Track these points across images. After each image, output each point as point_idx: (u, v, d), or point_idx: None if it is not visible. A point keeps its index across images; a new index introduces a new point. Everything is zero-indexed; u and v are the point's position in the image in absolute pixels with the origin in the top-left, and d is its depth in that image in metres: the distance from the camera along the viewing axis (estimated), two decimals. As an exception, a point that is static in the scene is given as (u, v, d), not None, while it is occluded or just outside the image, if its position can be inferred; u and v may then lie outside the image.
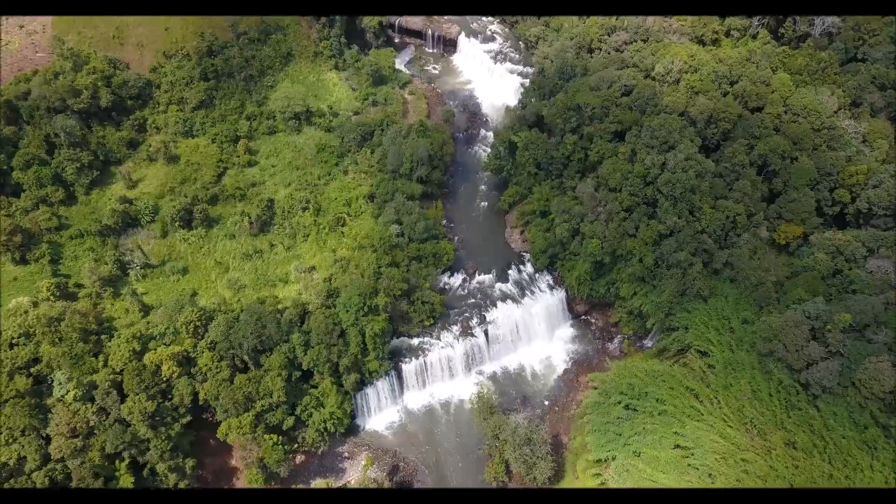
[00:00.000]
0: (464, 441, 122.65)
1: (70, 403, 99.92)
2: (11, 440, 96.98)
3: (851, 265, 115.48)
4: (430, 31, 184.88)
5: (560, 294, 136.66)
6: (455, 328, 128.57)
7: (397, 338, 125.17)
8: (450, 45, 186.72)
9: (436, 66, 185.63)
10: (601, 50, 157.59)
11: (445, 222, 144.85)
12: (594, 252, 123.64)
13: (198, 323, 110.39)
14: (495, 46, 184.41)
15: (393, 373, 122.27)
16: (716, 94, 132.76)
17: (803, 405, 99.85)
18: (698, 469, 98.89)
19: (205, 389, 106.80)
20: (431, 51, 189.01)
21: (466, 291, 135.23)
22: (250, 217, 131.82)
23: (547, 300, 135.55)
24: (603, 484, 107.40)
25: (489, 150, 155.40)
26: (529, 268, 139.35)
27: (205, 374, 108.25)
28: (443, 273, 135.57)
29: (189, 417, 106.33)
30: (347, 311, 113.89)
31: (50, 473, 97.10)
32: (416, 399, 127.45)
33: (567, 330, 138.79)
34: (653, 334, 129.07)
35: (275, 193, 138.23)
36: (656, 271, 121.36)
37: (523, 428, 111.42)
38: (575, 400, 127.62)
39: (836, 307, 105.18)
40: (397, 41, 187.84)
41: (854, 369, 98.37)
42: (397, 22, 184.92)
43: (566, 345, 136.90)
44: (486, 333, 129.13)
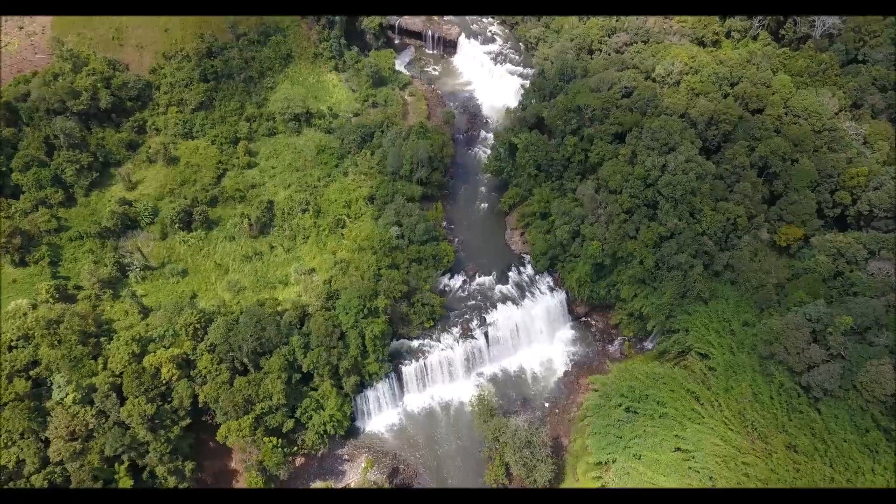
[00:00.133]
0: (464, 443, 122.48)
1: (69, 406, 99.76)
2: (10, 443, 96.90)
3: (852, 267, 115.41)
4: (430, 33, 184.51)
5: (560, 296, 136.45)
6: (455, 330, 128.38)
7: (397, 340, 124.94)
8: (450, 47, 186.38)
9: (436, 68, 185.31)
10: (601, 51, 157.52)
11: (445, 224, 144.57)
12: (594, 254, 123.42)
13: (197, 325, 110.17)
14: (495, 48, 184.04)
15: (393, 375, 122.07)
16: (716, 96, 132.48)
17: (804, 408, 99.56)
18: (699, 472, 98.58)
19: (204, 392, 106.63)
20: (431, 52, 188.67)
21: (466, 293, 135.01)
22: (250, 219, 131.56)
23: (547, 302, 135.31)
24: (603, 486, 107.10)
25: (489, 152, 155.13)
26: (530, 269, 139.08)
27: (204, 377, 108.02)
28: (443, 275, 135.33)
29: (188, 420, 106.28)
30: (347, 314, 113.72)
31: (49, 476, 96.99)
32: (416, 401, 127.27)
33: (567, 332, 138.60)
34: (653, 336, 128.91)
35: (274, 195, 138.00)
36: (657, 273, 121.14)
37: (523, 430, 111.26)
38: (575, 402, 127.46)
39: (838, 310, 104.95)
40: (397, 42, 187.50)
41: (855, 372, 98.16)
42: (397, 23, 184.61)
43: (566, 347, 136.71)
44: (487, 335, 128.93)
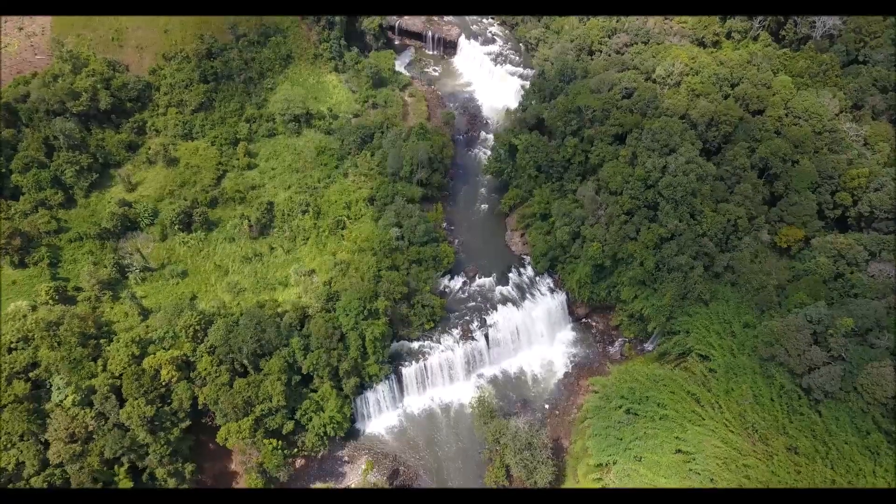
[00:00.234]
0: (464, 445, 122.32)
1: (69, 408, 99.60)
2: (10, 445, 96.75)
3: (853, 269, 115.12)
4: (431, 33, 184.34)
5: (560, 297, 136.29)
6: (455, 332, 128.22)
7: (397, 341, 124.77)
8: (450, 47, 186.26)
9: (436, 68, 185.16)
10: (602, 52, 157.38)
11: (445, 225, 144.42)
12: (595, 255, 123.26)
13: (197, 327, 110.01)
14: (496, 48, 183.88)
15: (393, 377, 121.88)
16: (717, 97, 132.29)
17: (805, 410, 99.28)
18: (700, 474, 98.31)
19: (204, 394, 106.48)
20: (431, 53, 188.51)
21: (467, 295, 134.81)
22: (250, 220, 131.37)
23: (547, 303, 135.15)
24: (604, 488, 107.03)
25: (489, 153, 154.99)
26: (530, 271, 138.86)
27: (204, 379, 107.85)
28: (443, 276, 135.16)
29: (188, 422, 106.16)
30: (347, 315, 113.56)
31: (48, 479, 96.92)
32: (417, 403, 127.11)
33: (568, 333, 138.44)
34: (654, 338, 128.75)
35: (274, 196, 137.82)
36: (657, 275, 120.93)
37: (524, 432, 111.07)
38: (576, 404, 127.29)
39: (838, 311, 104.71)
40: (397, 43, 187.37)
41: (856, 374, 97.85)
42: (397, 24, 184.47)
43: (567, 348, 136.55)
44: (487, 337, 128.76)
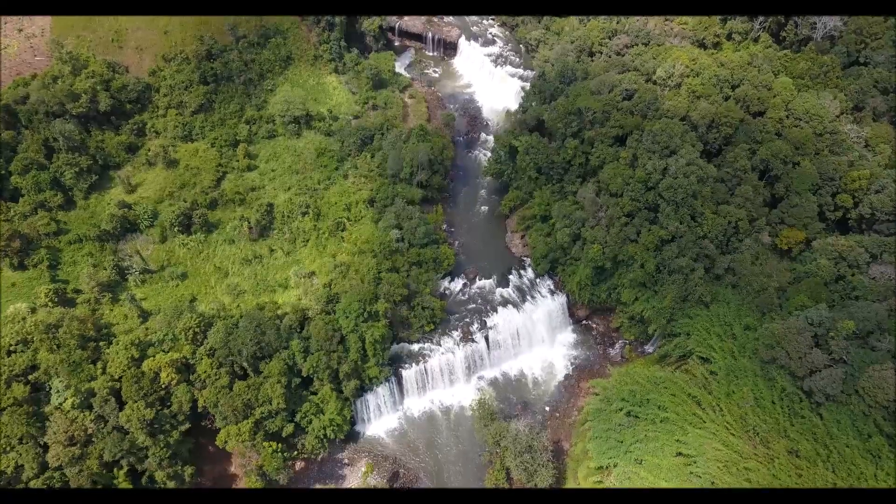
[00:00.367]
0: (464, 448, 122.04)
1: (68, 411, 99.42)
2: (9, 448, 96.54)
3: (854, 271, 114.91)
4: (431, 34, 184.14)
5: (561, 299, 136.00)
6: (455, 334, 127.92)
7: (397, 343, 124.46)
8: (450, 49, 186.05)
9: (436, 70, 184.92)
10: (602, 53, 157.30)
11: (446, 227, 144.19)
12: (595, 257, 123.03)
13: (197, 329, 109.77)
14: (496, 50, 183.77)
15: (393, 379, 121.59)
16: (717, 99, 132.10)
17: (806, 413, 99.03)
18: (700, 477, 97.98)
19: (204, 396, 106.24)
20: (432, 54, 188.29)
21: (467, 297, 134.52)
22: (250, 222, 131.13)
23: (548, 305, 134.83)
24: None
25: (490, 155, 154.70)
26: (530, 273, 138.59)
27: (204, 381, 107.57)
28: (443, 278, 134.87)
29: (188, 425, 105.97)
30: (347, 318, 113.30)
31: (48, 482, 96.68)
32: (417, 405, 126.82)
33: (568, 335, 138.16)
34: (654, 340, 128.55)
35: (274, 198, 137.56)
36: (658, 277, 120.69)
37: (524, 435, 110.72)
38: (576, 406, 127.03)
39: (839, 314, 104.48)
40: (397, 44, 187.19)
41: (857, 377, 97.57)
42: (397, 25, 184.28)
43: (567, 350, 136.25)
44: (487, 339, 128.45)
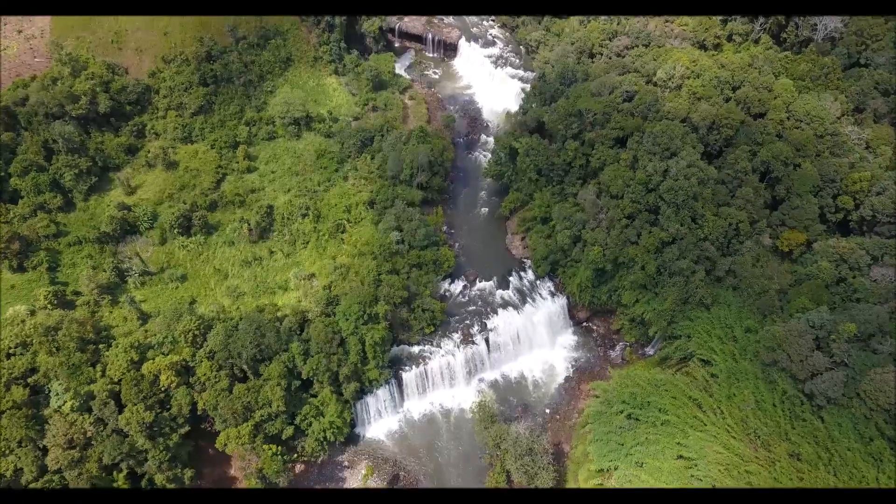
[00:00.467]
0: (465, 450, 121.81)
1: (67, 414, 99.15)
2: (8, 451, 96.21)
3: (855, 273, 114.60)
4: (431, 36, 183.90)
5: (561, 301, 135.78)
6: (456, 336, 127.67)
7: (397, 346, 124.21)
8: (450, 50, 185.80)
9: (436, 71, 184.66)
10: (602, 55, 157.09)
11: (446, 229, 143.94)
12: (596, 259, 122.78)
13: (196, 332, 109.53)
14: (496, 51, 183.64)
15: (393, 381, 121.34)
16: (718, 100, 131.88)
17: (808, 416, 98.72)
18: (701, 480, 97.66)
19: (203, 399, 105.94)
20: (432, 55, 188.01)
21: (467, 298, 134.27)
22: (249, 224, 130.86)
23: (548, 307, 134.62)
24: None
25: (490, 156, 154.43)
26: (530, 274, 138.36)
27: (203, 384, 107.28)
28: (443, 280, 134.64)
29: (187, 427, 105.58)
30: (347, 320, 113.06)
31: (47, 485, 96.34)
32: (417, 407, 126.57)
33: (568, 337, 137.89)
34: (655, 342, 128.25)
35: (274, 200, 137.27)
36: (658, 279, 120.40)
37: (525, 437, 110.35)
38: (576, 408, 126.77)
39: (841, 316, 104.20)
40: (397, 46, 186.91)
41: (859, 380, 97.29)
42: (397, 26, 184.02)
43: (568, 352, 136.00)
44: (487, 341, 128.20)
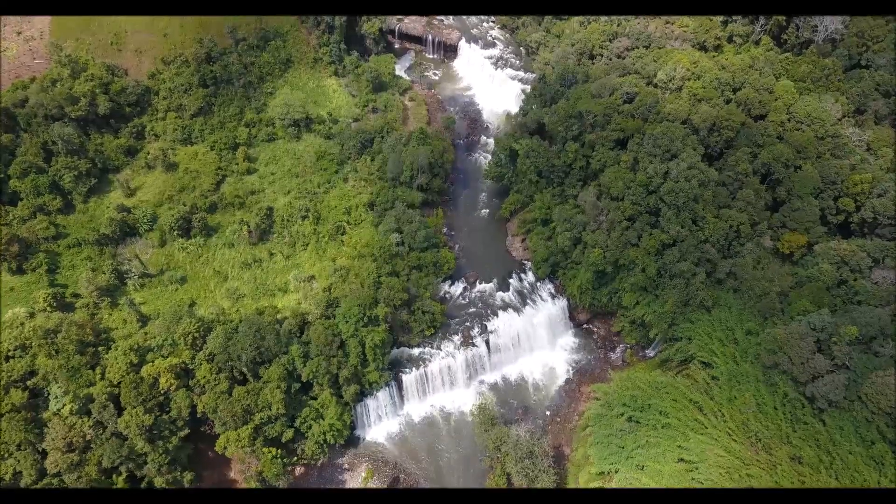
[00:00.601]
0: (465, 452, 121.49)
1: (66, 417, 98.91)
2: (7, 455, 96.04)
3: (856, 275, 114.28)
4: (431, 37, 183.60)
5: (561, 303, 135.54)
6: (456, 338, 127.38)
7: (397, 348, 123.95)
8: (450, 51, 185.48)
9: (436, 72, 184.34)
10: (602, 56, 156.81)
11: (446, 230, 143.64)
12: (596, 261, 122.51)
13: (196, 334, 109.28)
14: (496, 52, 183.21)
15: (393, 383, 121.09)
16: (718, 102, 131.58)
17: (809, 419, 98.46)
18: (702, 483, 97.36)
19: (203, 402, 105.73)
20: (432, 56, 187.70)
21: (467, 300, 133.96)
22: (249, 225, 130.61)
23: (548, 309, 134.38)
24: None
25: (490, 158, 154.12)
26: (531, 276, 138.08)
27: (203, 387, 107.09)
28: (443, 282, 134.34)
29: (187, 430, 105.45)
30: (347, 322, 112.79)
31: (46, 489, 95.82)
32: (417, 409, 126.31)
33: (569, 339, 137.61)
34: (655, 344, 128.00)
35: (274, 201, 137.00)
36: (659, 281, 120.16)
37: (525, 440, 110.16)
38: (577, 411, 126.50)
39: (842, 319, 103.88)
40: (397, 47, 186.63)
41: (860, 383, 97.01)
42: (397, 27, 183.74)
43: (568, 354, 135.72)
44: (488, 343, 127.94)
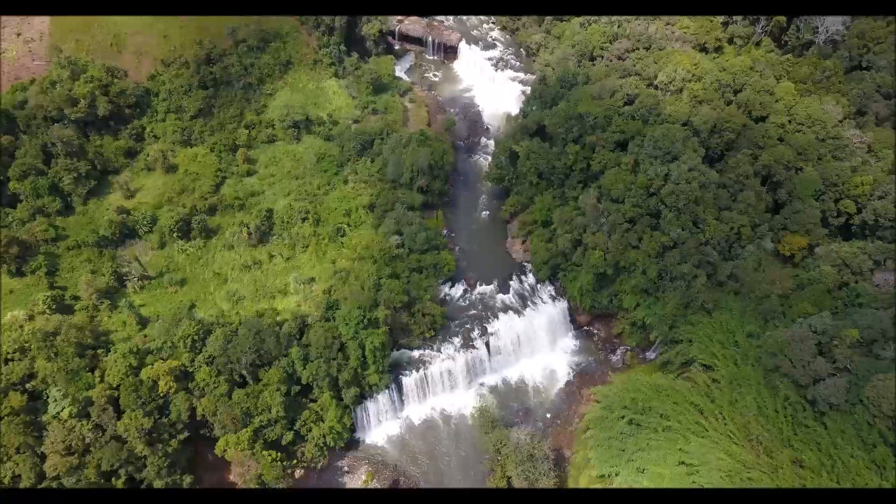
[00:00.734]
0: (465, 455, 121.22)
1: (65, 420, 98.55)
2: (6, 458, 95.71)
3: (857, 278, 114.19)
4: (431, 38, 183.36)
5: (562, 305, 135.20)
6: (456, 340, 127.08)
7: (397, 350, 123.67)
8: (450, 52, 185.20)
9: (436, 74, 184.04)
10: (603, 58, 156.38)
11: (446, 232, 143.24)
12: (597, 263, 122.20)
13: (195, 337, 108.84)
14: (496, 53, 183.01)
15: (393, 386, 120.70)
16: (719, 104, 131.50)
17: (810, 422, 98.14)
18: (703, 487, 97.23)
19: (202, 405, 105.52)
20: (432, 58, 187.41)
21: (467, 302, 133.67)
22: (249, 227, 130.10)
23: (549, 311, 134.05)
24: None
25: (490, 159, 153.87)
26: (531, 278, 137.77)
27: (202, 390, 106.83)
28: (444, 284, 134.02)
29: (186, 433, 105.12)
30: (347, 325, 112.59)
31: (46, 489, 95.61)
32: (417, 412, 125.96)
33: (569, 341, 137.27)
34: (656, 346, 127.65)
35: (274, 203, 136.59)
36: (660, 283, 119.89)
37: (525, 443, 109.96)
38: (577, 413, 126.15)
39: (843, 322, 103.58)
40: (397, 48, 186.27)
41: (862, 386, 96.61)
42: (397, 29, 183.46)
43: (568, 356, 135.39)
44: (488, 345, 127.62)
